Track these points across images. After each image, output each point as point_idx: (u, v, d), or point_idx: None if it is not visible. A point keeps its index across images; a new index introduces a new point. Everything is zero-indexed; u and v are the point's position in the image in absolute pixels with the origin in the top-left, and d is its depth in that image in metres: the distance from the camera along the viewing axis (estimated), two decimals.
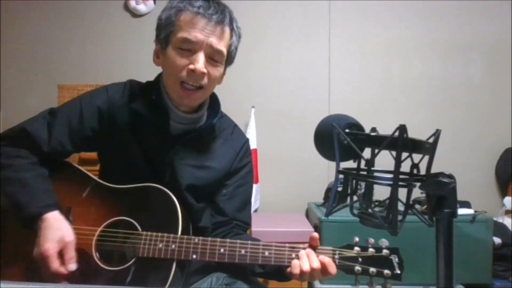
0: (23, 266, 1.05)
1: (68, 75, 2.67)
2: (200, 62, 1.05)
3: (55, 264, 0.97)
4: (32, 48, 2.73)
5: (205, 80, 1.08)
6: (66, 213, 1.07)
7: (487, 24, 2.71)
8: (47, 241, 0.98)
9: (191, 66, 1.05)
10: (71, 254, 1.00)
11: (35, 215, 1.01)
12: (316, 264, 0.96)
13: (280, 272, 1.03)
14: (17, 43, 2.73)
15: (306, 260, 0.97)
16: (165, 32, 1.09)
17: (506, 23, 2.70)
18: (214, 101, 1.22)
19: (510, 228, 2.32)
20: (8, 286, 0.73)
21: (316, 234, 1.01)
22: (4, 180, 1.06)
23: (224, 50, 1.09)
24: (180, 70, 1.06)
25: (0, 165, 1.08)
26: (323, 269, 0.96)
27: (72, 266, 0.99)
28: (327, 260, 0.96)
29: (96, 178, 1.15)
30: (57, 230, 1.00)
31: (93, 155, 1.24)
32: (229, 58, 1.14)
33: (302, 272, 0.97)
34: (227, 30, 1.09)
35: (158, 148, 1.13)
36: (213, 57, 1.08)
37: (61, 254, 0.99)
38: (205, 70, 1.06)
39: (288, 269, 0.98)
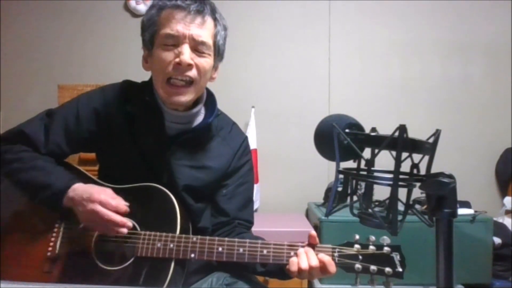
0: (24, 265, 1.05)
1: (68, 75, 2.67)
2: (185, 54, 1.05)
3: (111, 216, 1.00)
4: (32, 48, 2.73)
5: (194, 72, 1.07)
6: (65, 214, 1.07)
7: (487, 24, 2.71)
8: (91, 201, 1.00)
9: (177, 59, 1.05)
10: (118, 200, 1.02)
11: (65, 188, 1.02)
12: (315, 262, 0.96)
13: (281, 270, 1.03)
14: (17, 43, 2.73)
15: (305, 258, 0.97)
16: (149, 33, 1.10)
17: (506, 23, 2.69)
18: (210, 99, 1.21)
19: (510, 228, 2.32)
20: (8, 286, 0.73)
21: (314, 232, 1.00)
22: (18, 171, 1.07)
23: (209, 40, 1.09)
24: (167, 66, 1.06)
25: (8, 160, 1.08)
26: (322, 267, 0.96)
27: (125, 207, 1.03)
28: (327, 258, 0.96)
29: (95, 178, 1.15)
30: (94, 190, 1.02)
31: (93, 155, 1.24)
32: (218, 51, 1.13)
33: (300, 270, 0.96)
34: (208, 19, 1.08)
35: (154, 148, 1.13)
36: (198, 48, 1.07)
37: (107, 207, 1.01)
38: (191, 62, 1.06)
39: (287, 267, 0.98)
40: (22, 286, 0.83)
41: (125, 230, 1.01)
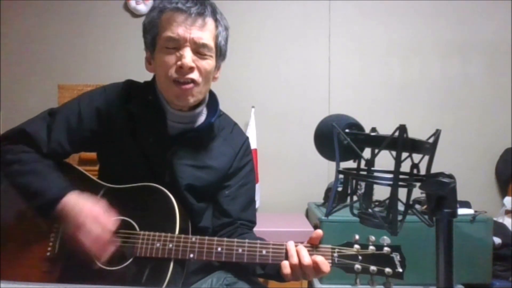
0: (23, 265, 1.05)
1: (68, 75, 2.67)
2: (187, 57, 1.05)
3: (99, 232, 0.98)
4: (32, 48, 2.73)
5: (196, 74, 1.07)
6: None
7: (487, 24, 2.71)
8: (81, 215, 0.98)
9: (179, 63, 1.05)
10: (108, 219, 1.01)
11: (57, 198, 1.01)
12: (307, 261, 0.95)
13: (279, 273, 1.03)
14: (17, 43, 2.73)
15: (295, 254, 0.96)
16: (151, 35, 1.10)
17: (506, 23, 2.69)
18: (212, 99, 1.21)
19: (510, 228, 2.32)
20: (8, 286, 0.73)
21: (320, 232, 0.99)
22: (16, 173, 1.06)
23: (211, 42, 1.09)
24: (169, 69, 1.06)
25: (8, 161, 1.08)
26: (316, 267, 0.95)
27: (112, 228, 1.00)
28: (319, 258, 0.95)
29: (94, 178, 1.15)
30: (86, 204, 1.01)
31: (93, 155, 1.24)
32: (219, 51, 1.13)
33: (292, 266, 0.96)
34: (209, 21, 1.08)
35: (156, 148, 1.13)
36: (199, 50, 1.07)
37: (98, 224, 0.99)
38: (193, 65, 1.06)
39: (281, 269, 0.98)
40: (22, 286, 0.83)
41: (103, 258, 1.00)
